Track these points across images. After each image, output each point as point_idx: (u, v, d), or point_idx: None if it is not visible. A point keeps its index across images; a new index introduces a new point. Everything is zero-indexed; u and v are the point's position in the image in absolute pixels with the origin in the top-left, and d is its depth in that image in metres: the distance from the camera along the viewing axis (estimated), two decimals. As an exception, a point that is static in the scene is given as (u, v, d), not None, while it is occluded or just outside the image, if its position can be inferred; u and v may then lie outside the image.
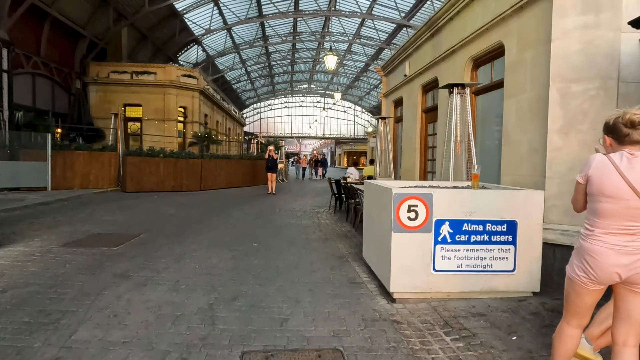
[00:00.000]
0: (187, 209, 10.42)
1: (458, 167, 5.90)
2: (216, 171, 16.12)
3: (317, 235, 7.37)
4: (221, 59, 35.18)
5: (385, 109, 12.09)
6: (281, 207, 11.42)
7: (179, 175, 14.59)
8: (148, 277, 4.51)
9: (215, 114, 26.37)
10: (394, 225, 3.96)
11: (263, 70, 43.88)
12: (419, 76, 9.10)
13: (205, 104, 23.46)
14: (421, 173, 9.21)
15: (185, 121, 21.21)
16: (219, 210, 10.36)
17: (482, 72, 6.69)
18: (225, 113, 30.37)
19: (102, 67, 19.48)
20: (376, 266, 4.65)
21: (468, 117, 5.73)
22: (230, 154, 17.17)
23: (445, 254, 4.03)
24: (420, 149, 9.20)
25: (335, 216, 9.98)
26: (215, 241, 6.57)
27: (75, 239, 6.23)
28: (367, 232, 5.21)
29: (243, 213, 9.97)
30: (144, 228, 7.44)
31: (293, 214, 10.12)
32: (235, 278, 4.63)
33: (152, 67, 19.91)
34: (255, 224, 8.38)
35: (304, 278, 4.73)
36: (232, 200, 12.90)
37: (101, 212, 9.18)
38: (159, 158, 14.08)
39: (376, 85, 44.14)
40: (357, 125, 62.46)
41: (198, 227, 7.81)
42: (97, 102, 19.36)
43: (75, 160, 12.81)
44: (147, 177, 13.82)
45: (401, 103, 10.73)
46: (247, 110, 58.61)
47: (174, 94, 20.06)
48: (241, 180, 17.75)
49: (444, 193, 4.08)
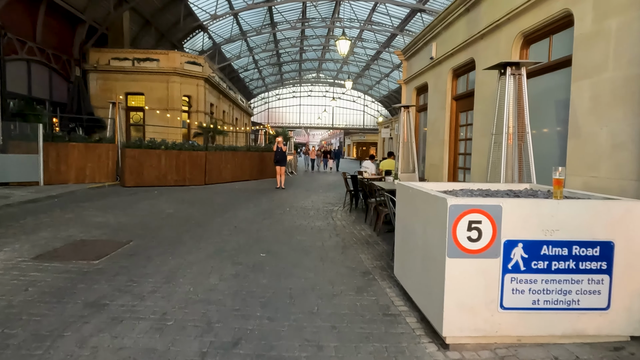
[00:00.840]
0: (188, 207, 9.49)
1: (508, 166, 4.85)
2: (221, 164, 15.17)
3: (335, 242, 6.38)
4: (228, 46, 34.06)
5: (406, 97, 11.00)
6: (291, 205, 10.45)
7: (181, 169, 13.67)
8: (128, 307, 3.55)
9: (221, 103, 25.37)
10: (449, 247, 2.95)
11: (271, 59, 42.66)
12: (448, 58, 8.00)
13: (211, 92, 22.45)
14: (450, 169, 8.16)
15: (189, 111, 20.24)
16: (224, 208, 9.42)
17: (534, 51, 5.59)
18: (232, 102, 29.36)
19: (102, 54, 18.52)
20: (418, 294, 3.65)
21: (525, 104, 4.66)
22: (236, 146, 16.21)
23: (517, 286, 3.02)
24: (449, 142, 8.14)
25: (351, 216, 8.98)
26: (217, 250, 5.61)
27: (51, 249, 5.31)
28: (401, 247, 4.21)
29: (249, 212, 9.01)
30: (136, 232, 6.51)
31: (305, 213, 9.14)
32: (239, 307, 3.67)
33: (155, 54, 18.90)
34: (262, 227, 7.41)
35: (325, 306, 3.75)
36: (238, 196, 11.95)
37: (92, 212, 8.27)
38: (160, 150, 13.16)
39: (387, 73, 42.77)
40: (367, 115, 61.17)
41: (198, 230, 6.86)
42: (97, 91, 18.45)
43: (69, 153, 11.91)
44: (147, 171, 12.91)
45: (425, 90, 9.64)
46: (254, 100, 57.57)
47: (177, 82, 19.07)
48: (248, 173, 16.80)
49: (516, 204, 3.04)
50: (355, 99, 60.24)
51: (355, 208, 10.01)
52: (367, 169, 11.86)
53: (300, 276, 4.61)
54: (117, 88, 18.51)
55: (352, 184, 10.05)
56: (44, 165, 11.21)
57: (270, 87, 56.95)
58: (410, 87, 10.58)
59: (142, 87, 18.86)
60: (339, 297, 4.00)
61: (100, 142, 12.68)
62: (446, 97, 8.10)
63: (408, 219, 3.96)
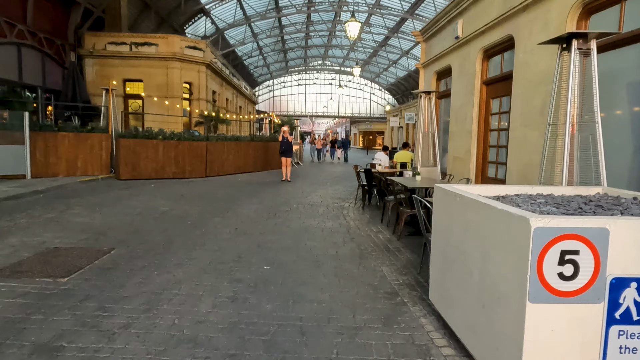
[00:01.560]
0: (185, 203, 8.64)
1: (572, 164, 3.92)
2: (223, 155, 14.30)
3: (350, 248, 5.51)
4: (231, 32, 32.91)
5: (425, 82, 10.00)
6: (299, 200, 9.57)
7: (181, 160, 12.80)
8: (88, 355, 2.71)
9: (224, 90, 24.40)
10: (532, 287, 2.05)
11: (276, 45, 41.44)
12: (478, 37, 7.00)
13: (214, 79, 21.48)
14: (479, 163, 7.23)
15: (191, 98, 19.31)
16: (224, 205, 8.56)
17: (596, 23, 4.61)
18: (236, 90, 28.37)
19: (98, 38, 17.57)
20: (472, 339, 2.76)
21: (594, 87, 3.71)
22: (239, 136, 15.32)
23: (628, 342, 2.13)
24: (478, 132, 7.19)
25: (364, 214, 8.09)
26: (213, 261, 4.76)
27: (15, 261, 4.48)
28: (441, 268, 3.31)
29: (252, 210, 8.15)
30: (121, 237, 5.67)
31: (313, 211, 8.27)
32: (235, 352, 2.81)
33: (154, 38, 17.92)
34: (267, 228, 6.55)
35: (346, 349, 2.89)
36: (241, 190, 11.09)
37: (77, 210, 7.44)
38: (158, 140, 12.28)
39: (395, 60, 41.42)
40: (374, 103, 59.90)
41: (193, 234, 6.01)
42: (94, 77, 17.55)
43: (59, 144, 11.07)
44: (144, 163, 12.06)
45: (448, 73, 8.66)
46: (259, 88, 56.48)
47: (177, 68, 18.11)
48: (252, 164, 15.92)
49: (630, 227, 2.13)
50: (362, 86, 58.93)
51: (369, 205, 9.12)
52: (381, 161, 10.93)
53: (313, 299, 3.75)
54: (115, 74, 17.60)
55: (364, 178, 9.14)
56: (31, 157, 10.39)
57: (275, 75, 55.73)
58: (429, 71, 9.58)
59: (140, 73, 17.93)
60: (363, 333, 3.13)
61: (93, 132, 11.81)
62: (475, 82, 7.13)
63: (453, 235, 3.06)
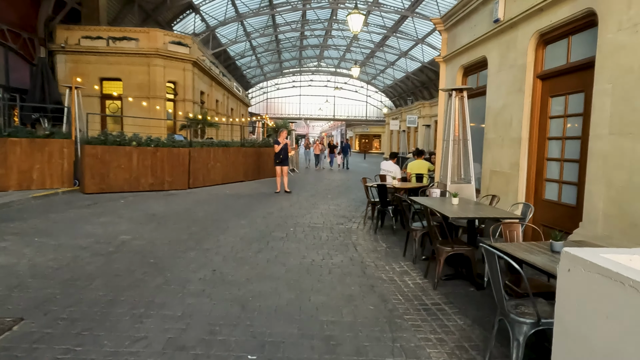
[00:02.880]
0: (155, 228, 6.93)
1: None
2: (210, 163, 12.58)
3: (373, 307, 3.83)
4: (223, 30, 31.17)
5: (447, 79, 8.39)
6: (296, 220, 7.90)
7: (159, 170, 11.07)
8: None
9: (214, 91, 22.67)
10: None
11: (269, 45, 39.78)
12: (531, 18, 5.40)
13: (201, 78, 19.76)
14: (530, 181, 5.59)
15: (175, 99, 17.56)
16: (203, 230, 6.86)
17: None
18: (227, 91, 26.65)
19: (71, 32, 15.79)
20: None
21: None
22: (228, 141, 13.64)
23: None
24: (529, 141, 5.56)
25: (379, 241, 6.43)
26: (168, 345, 3.07)
27: None
28: None
29: (239, 237, 6.45)
30: (43, 293, 3.95)
31: (315, 237, 6.60)
32: None
33: (133, 32, 16.16)
34: (255, 271, 4.86)
35: None
36: (228, 206, 9.39)
37: (4, 243, 5.70)
38: (132, 147, 10.55)
39: (393, 62, 39.94)
40: (370, 106, 58.50)
41: (151, 284, 4.30)
42: (66, 76, 15.70)
43: (9, 151, 9.29)
44: (114, 173, 10.32)
45: (480, 67, 7.07)
46: (252, 90, 54.84)
47: (160, 66, 16.37)
48: (242, 173, 14.21)
49: None
50: (358, 89, 57.51)
51: (381, 227, 7.47)
52: (391, 172, 9.30)
53: None
54: (90, 72, 15.84)
55: (378, 195, 7.49)
56: (-29, 168, 8.66)
57: (269, 77, 54.11)
58: (453, 65, 7.98)
59: (119, 71, 16.16)
60: None
61: (52, 137, 10.03)
62: (525, 76, 5.52)
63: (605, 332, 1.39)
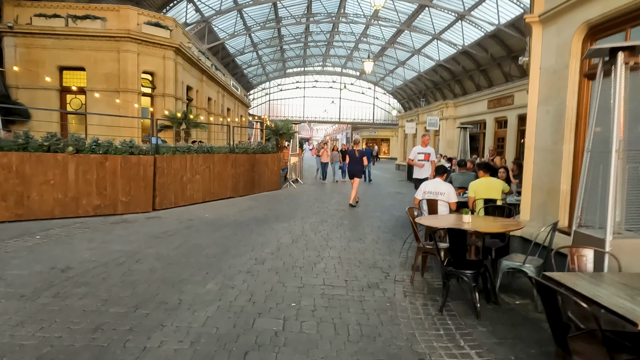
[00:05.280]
0: (48, 310, 3.75)
1: None
2: (185, 175, 9.43)
3: None
4: (220, 23, 28.05)
5: (543, 52, 5.18)
6: (299, 281, 4.69)
7: (109, 186, 7.93)
8: None
9: (205, 87, 19.55)
10: None
11: (271, 41, 36.70)
12: None
13: (188, 71, 16.64)
14: None
15: (153, 94, 14.45)
16: (121, 320, 3.67)
17: None
18: (222, 88, 23.54)
19: (22, 9, 12.73)
20: None
21: None
22: (212, 146, 10.48)
23: None
24: None
25: (458, 339, 3.19)
26: None
27: None
28: None
29: (188, 339, 3.25)
30: None
31: (334, 327, 3.38)
32: None
33: (99, 10, 13.06)
34: None
35: None
36: (196, 245, 6.19)
37: None
38: (69, 154, 7.42)
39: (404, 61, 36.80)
40: (377, 108, 55.55)
41: None
42: (17, 63, 12.69)
43: None
44: (39, 192, 7.19)
45: (632, 19, 3.89)
46: (254, 91, 51.91)
47: (133, 52, 13.27)
48: (231, 187, 11.05)
49: None
50: (365, 90, 54.56)
51: (446, 294, 4.27)
52: (441, 196, 6.10)
53: None
54: (46, 59, 12.82)
55: (449, 246, 4.29)
56: None
57: (272, 77, 51.16)
58: (562, 26, 4.81)
59: (82, 58, 13.08)
60: None
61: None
62: None
63: None
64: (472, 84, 27.02)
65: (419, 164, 8.83)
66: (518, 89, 15.09)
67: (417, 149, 9.11)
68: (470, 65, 26.61)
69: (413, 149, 9.18)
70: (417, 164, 8.86)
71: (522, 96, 14.74)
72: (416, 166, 8.90)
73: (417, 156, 8.93)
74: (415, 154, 8.99)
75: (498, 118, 16.99)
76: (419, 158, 8.89)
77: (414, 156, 8.99)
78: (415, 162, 8.91)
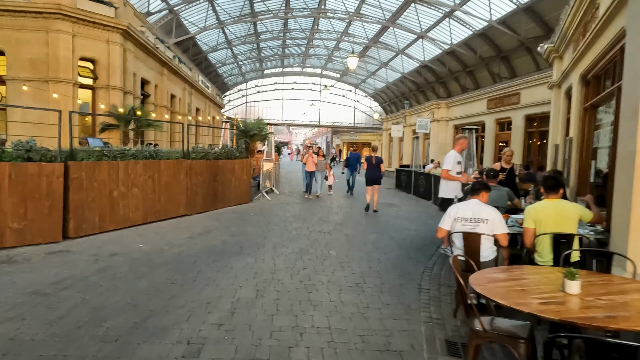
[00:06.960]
0: None
1: None
2: (117, 188, 6.99)
3: None
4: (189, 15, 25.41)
5: None
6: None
7: (-8, 207, 5.45)
8: None
9: (166, 82, 16.99)
10: None
11: (247, 38, 34.23)
12: None
13: (143, 61, 14.11)
14: None
15: (95, 86, 11.87)
16: None
17: None
18: (190, 85, 20.99)
19: None
20: None
21: None
22: (159, 150, 8.08)
23: None
24: None
25: None
26: None
27: None
28: None
29: None
30: None
31: None
32: None
33: (21, -22, 10.47)
34: None
35: None
36: (101, 309, 3.80)
37: None
38: None
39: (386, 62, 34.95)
40: (358, 111, 53.86)
41: None
42: None
43: None
44: None
45: None
46: (230, 92, 49.31)
47: (66, 32, 10.69)
48: (185, 202, 8.63)
49: None
50: (346, 93, 52.75)
51: None
52: (485, 223, 3.97)
53: None
54: (-48, 40, 10.12)
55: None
56: None
57: (249, 77, 48.66)
58: None
59: (1, 39, 10.45)
60: None
61: None
62: None
63: None
64: (470, 81, 24.78)
65: (459, 178, 6.26)
66: (526, 86, 13.16)
67: (454, 155, 6.33)
68: (470, 60, 24.32)
69: (448, 155, 6.38)
70: (457, 178, 6.27)
71: (531, 94, 12.85)
72: (451, 181, 6.33)
73: (455, 167, 6.25)
74: (454, 163, 6.26)
75: (500, 119, 15.07)
76: (457, 170, 6.28)
77: (452, 166, 6.24)
78: (455, 177, 6.25)
